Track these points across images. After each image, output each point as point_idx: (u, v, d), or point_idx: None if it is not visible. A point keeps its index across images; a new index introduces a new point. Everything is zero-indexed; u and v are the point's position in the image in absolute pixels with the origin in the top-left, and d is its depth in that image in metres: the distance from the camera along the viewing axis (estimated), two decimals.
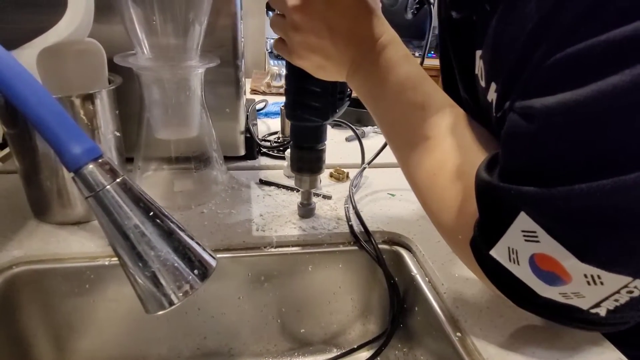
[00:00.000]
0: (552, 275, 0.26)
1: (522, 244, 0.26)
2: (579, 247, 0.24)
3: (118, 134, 0.49)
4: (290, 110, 0.46)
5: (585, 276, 0.24)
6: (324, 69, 0.40)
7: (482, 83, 0.33)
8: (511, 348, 0.35)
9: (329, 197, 0.57)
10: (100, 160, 0.25)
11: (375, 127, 0.89)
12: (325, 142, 0.48)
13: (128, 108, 0.50)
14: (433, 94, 0.36)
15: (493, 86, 0.30)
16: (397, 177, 0.65)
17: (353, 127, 0.70)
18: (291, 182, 0.61)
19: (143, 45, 0.46)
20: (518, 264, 0.27)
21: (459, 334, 0.37)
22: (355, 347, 0.50)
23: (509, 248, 0.27)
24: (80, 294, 0.45)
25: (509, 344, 0.35)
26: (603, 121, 0.22)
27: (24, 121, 0.43)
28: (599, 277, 0.24)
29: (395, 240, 0.51)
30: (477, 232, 0.29)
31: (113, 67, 0.47)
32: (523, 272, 0.27)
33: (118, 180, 0.26)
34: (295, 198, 0.57)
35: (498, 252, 0.28)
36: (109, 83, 0.48)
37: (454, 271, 0.44)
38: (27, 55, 0.39)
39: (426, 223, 0.52)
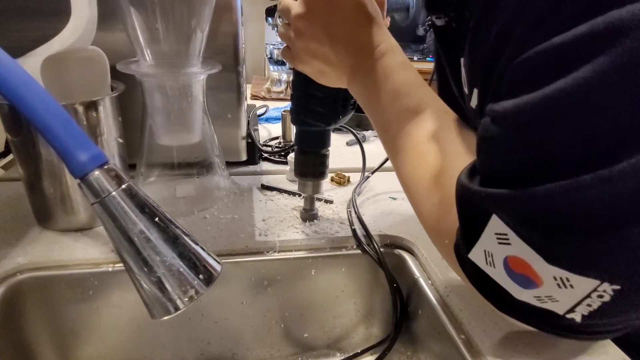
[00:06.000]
0: (524, 277, 0.26)
1: (496, 246, 0.26)
2: (545, 248, 0.24)
3: (121, 140, 0.49)
4: (295, 115, 0.47)
5: (555, 279, 0.25)
6: (325, 74, 0.41)
7: (466, 90, 0.34)
8: (516, 349, 0.35)
9: (331, 202, 0.58)
10: (106, 167, 0.25)
11: None
12: (329, 148, 0.49)
13: (131, 115, 0.51)
14: (427, 100, 0.37)
15: (475, 92, 0.31)
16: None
17: (354, 131, 0.70)
18: (293, 187, 0.61)
19: (145, 53, 0.46)
20: (494, 266, 0.27)
21: (463, 336, 0.37)
22: (359, 351, 0.50)
23: (485, 251, 0.27)
24: (84, 300, 0.45)
25: (514, 345, 0.35)
26: (554, 124, 0.22)
27: (27, 128, 0.43)
28: (567, 279, 0.24)
29: (397, 243, 0.51)
30: (459, 237, 0.30)
31: (116, 74, 0.48)
32: (499, 275, 0.28)
33: (123, 186, 0.26)
34: (298, 202, 0.57)
35: (476, 255, 0.28)
36: (112, 90, 0.49)
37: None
38: (32, 63, 0.40)
39: None
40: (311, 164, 0.48)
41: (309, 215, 0.52)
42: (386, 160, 0.64)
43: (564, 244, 0.24)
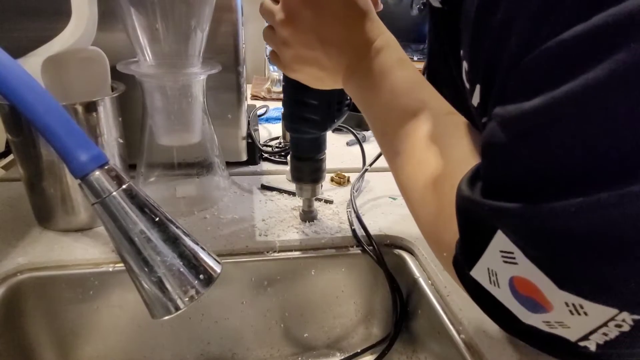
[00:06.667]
0: (532, 301, 0.24)
1: (500, 265, 0.24)
2: (556, 272, 0.22)
3: (121, 140, 0.49)
4: (288, 123, 0.46)
5: (567, 304, 0.22)
6: (320, 79, 0.39)
7: (467, 85, 0.30)
8: (516, 349, 0.35)
9: (331, 202, 0.58)
10: (106, 167, 0.26)
11: None
12: (325, 151, 0.49)
13: (131, 115, 0.51)
14: (428, 100, 0.34)
15: (477, 89, 0.28)
16: None
17: (354, 131, 0.71)
18: (293, 187, 0.61)
19: (145, 53, 0.46)
20: (498, 286, 0.25)
21: (462, 336, 0.38)
22: (359, 351, 0.50)
23: (488, 269, 0.25)
24: (84, 300, 0.45)
25: (514, 345, 0.35)
26: (568, 131, 0.19)
27: (28, 128, 0.43)
28: (581, 306, 0.21)
29: (397, 243, 0.51)
30: (458, 251, 0.28)
31: (116, 75, 0.48)
32: (504, 296, 0.25)
33: (124, 186, 0.26)
34: (298, 202, 0.57)
35: (478, 273, 0.26)
36: (112, 90, 0.49)
37: None
38: (32, 64, 0.40)
39: None
40: (307, 170, 0.48)
41: (308, 217, 0.52)
42: (380, 154, 0.64)
43: (578, 268, 0.21)
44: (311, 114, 0.44)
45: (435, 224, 0.31)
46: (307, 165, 0.48)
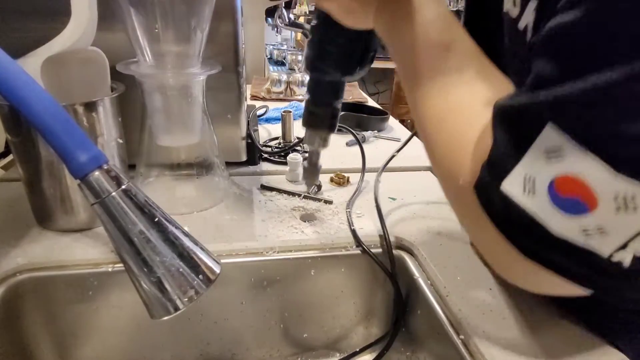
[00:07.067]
0: (574, 201, 0.22)
1: (542, 167, 0.23)
2: (616, 152, 0.21)
3: (121, 141, 0.49)
4: (310, 61, 0.45)
5: (616, 199, 0.21)
6: (352, 12, 0.39)
7: (515, 12, 0.30)
8: (514, 350, 0.35)
9: (330, 202, 0.58)
10: (105, 168, 0.26)
11: (376, 131, 0.89)
12: (341, 102, 0.47)
13: (130, 115, 0.51)
14: (459, 38, 0.34)
15: (531, 6, 0.28)
16: (398, 182, 0.66)
17: (353, 131, 0.71)
18: (293, 187, 0.61)
19: (145, 53, 0.46)
20: (534, 193, 0.24)
21: (462, 336, 0.38)
22: (358, 350, 0.50)
23: (524, 177, 0.24)
24: (83, 300, 0.45)
25: (512, 345, 0.35)
26: None
27: (27, 129, 0.43)
28: (632, 198, 0.20)
29: (397, 244, 0.51)
30: (487, 168, 0.27)
31: (116, 75, 0.48)
32: (539, 204, 0.24)
33: (123, 186, 0.26)
34: (298, 202, 0.57)
35: (512, 184, 0.25)
36: (112, 91, 0.49)
37: (456, 274, 0.44)
38: (32, 64, 0.40)
39: (427, 226, 0.52)
40: (322, 115, 0.47)
41: (312, 171, 0.50)
42: (398, 151, 0.63)
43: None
44: (335, 53, 0.43)
45: (455, 152, 0.31)
46: (322, 110, 0.46)
